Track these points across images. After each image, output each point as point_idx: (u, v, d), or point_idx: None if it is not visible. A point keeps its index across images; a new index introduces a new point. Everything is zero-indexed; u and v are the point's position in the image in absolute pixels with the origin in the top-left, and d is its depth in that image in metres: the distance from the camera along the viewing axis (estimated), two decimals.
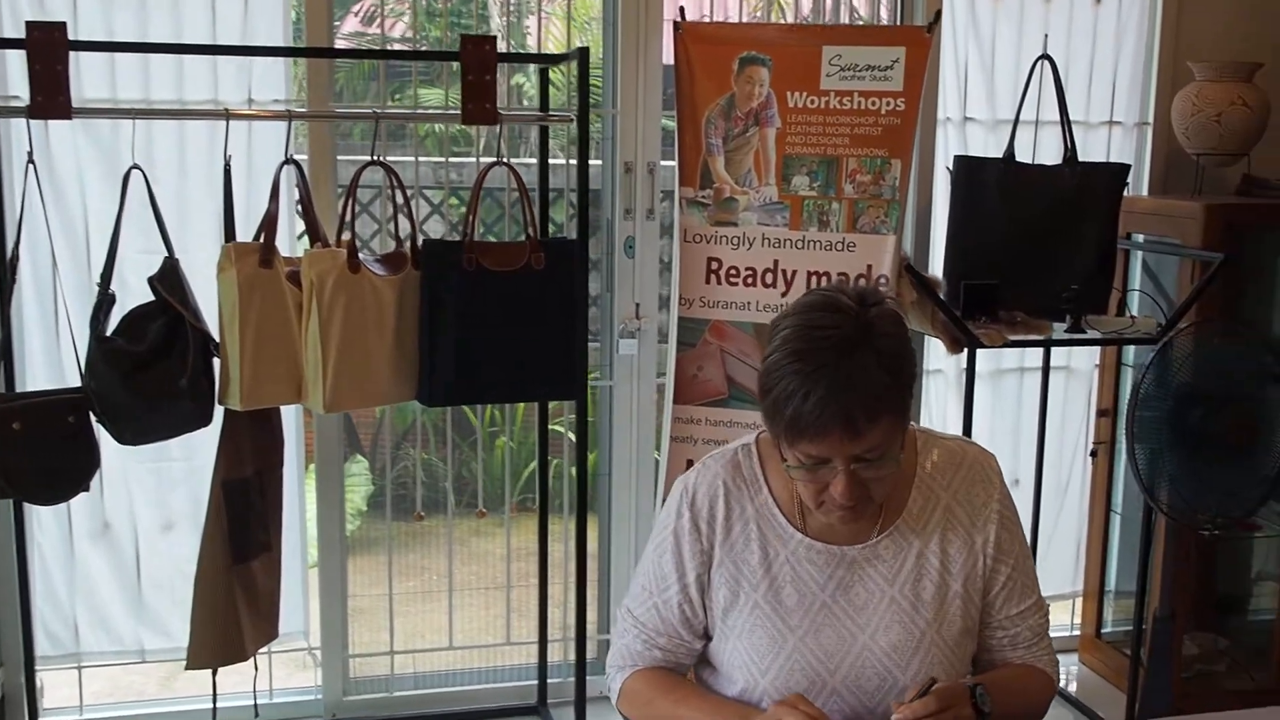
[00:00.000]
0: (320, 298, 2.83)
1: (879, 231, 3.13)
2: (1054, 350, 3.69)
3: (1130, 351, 3.93)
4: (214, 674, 3.04)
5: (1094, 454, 3.96)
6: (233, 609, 2.97)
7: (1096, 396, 3.97)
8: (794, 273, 3.17)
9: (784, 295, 3.17)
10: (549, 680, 3.67)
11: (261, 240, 2.83)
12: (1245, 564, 4.14)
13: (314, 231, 2.99)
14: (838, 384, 1.54)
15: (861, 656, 1.73)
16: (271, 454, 3.04)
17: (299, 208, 3.10)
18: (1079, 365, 3.97)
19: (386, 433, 4.61)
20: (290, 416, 3.24)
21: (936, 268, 3.56)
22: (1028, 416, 3.87)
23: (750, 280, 3.18)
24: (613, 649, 1.90)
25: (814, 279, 3.17)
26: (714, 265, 3.20)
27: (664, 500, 3.26)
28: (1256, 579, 4.18)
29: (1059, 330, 3.31)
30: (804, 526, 1.77)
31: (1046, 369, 3.72)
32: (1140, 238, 3.80)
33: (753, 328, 3.17)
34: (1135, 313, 3.61)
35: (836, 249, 3.15)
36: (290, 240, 3.27)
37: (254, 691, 3.22)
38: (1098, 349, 3.92)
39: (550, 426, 3.89)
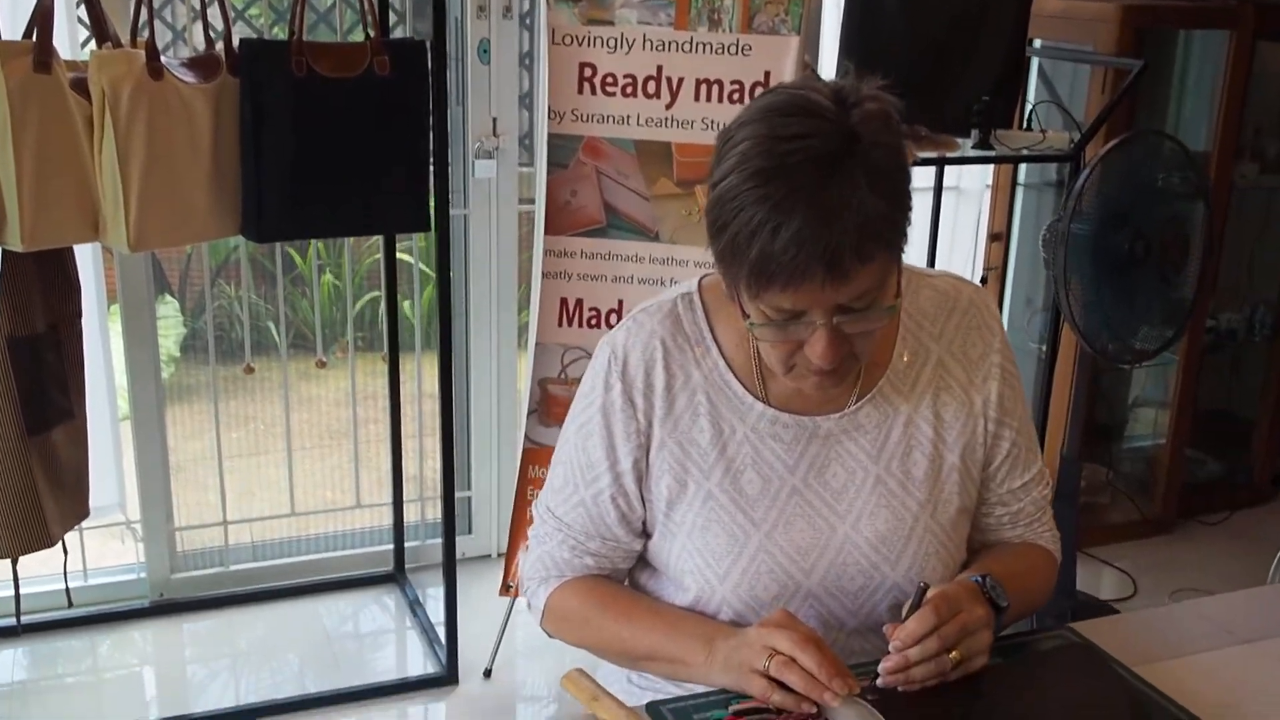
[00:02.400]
0: (115, 111, 2.30)
1: (778, 32, 2.72)
2: (945, 169, 3.38)
3: (1022, 170, 3.67)
4: (14, 562, 2.58)
5: (984, 280, 3.72)
6: (31, 488, 2.50)
7: (988, 219, 3.71)
8: (680, 81, 2.75)
9: (668, 108, 2.76)
10: (405, 544, 3.31)
11: (34, 39, 2.27)
12: (1122, 391, 4.01)
13: (101, 29, 2.43)
14: (819, 213, 1.17)
15: (842, 551, 1.41)
16: (66, 303, 2.53)
17: (80, 1, 2.52)
18: (969, 185, 3.70)
19: (199, 268, 4.08)
20: (87, 255, 2.73)
21: (825, 75, 3.19)
22: (915, 241, 3.57)
23: (630, 90, 2.75)
24: (530, 558, 1.53)
25: (704, 88, 2.75)
26: (587, 72, 2.76)
27: (534, 346, 2.91)
28: (1134, 405, 4.06)
29: (966, 146, 2.99)
30: (765, 394, 1.42)
31: (939, 189, 3.39)
32: (1038, 43, 3.50)
33: (633, 145, 2.76)
34: (1042, 126, 3.32)
35: (729, 52, 2.73)
36: (71, 42, 2.69)
37: (64, 574, 2.77)
38: (990, 168, 3.64)
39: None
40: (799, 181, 1.18)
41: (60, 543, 2.63)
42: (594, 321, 2.83)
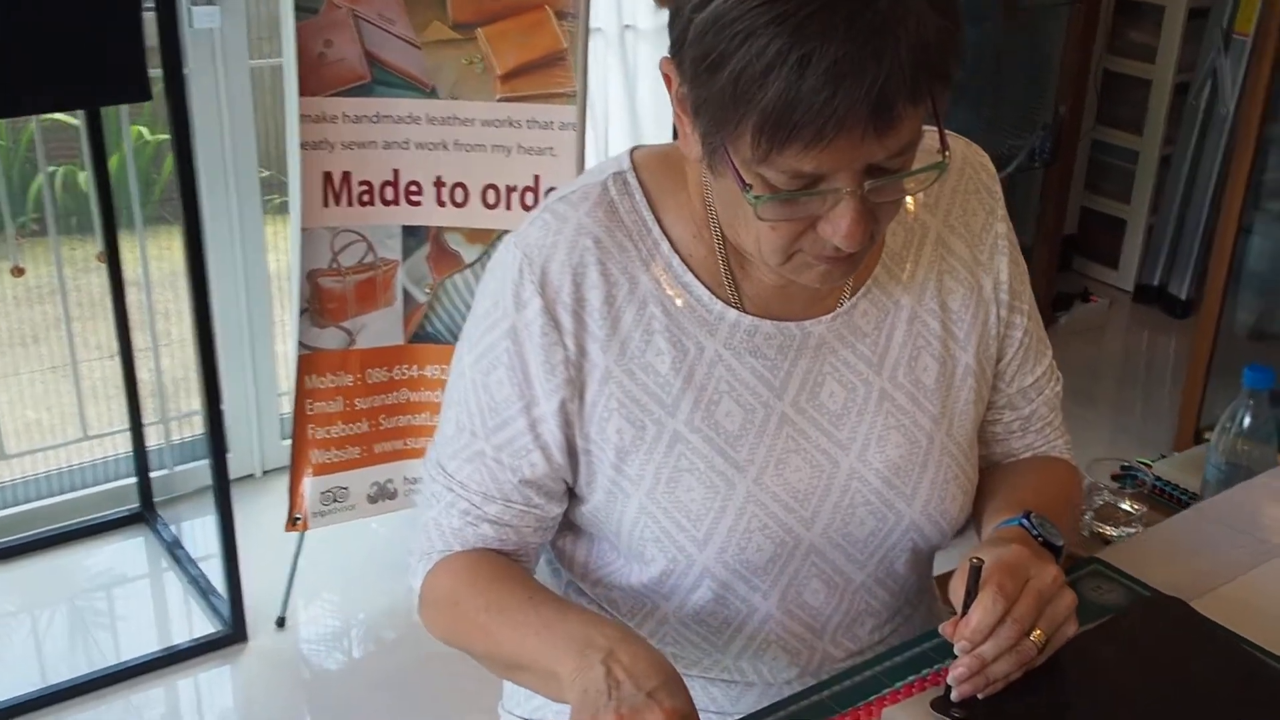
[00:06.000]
0: None
1: None
2: None
3: None
4: None
5: None
6: None
7: None
8: None
9: None
10: (151, 474, 2.80)
11: None
12: None
13: None
14: (863, 36, 0.84)
15: (849, 490, 1.09)
16: None
17: None
18: None
19: None
20: None
21: None
22: None
23: None
24: (417, 531, 1.14)
25: None
26: None
27: (298, 233, 2.39)
28: None
29: None
30: (738, 298, 1.07)
31: None
32: None
33: None
34: None
35: None
36: None
37: None
38: None
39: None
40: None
41: None
42: (367, 198, 2.39)
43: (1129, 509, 1.70)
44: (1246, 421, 1.48)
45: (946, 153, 0.94)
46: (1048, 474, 1.20)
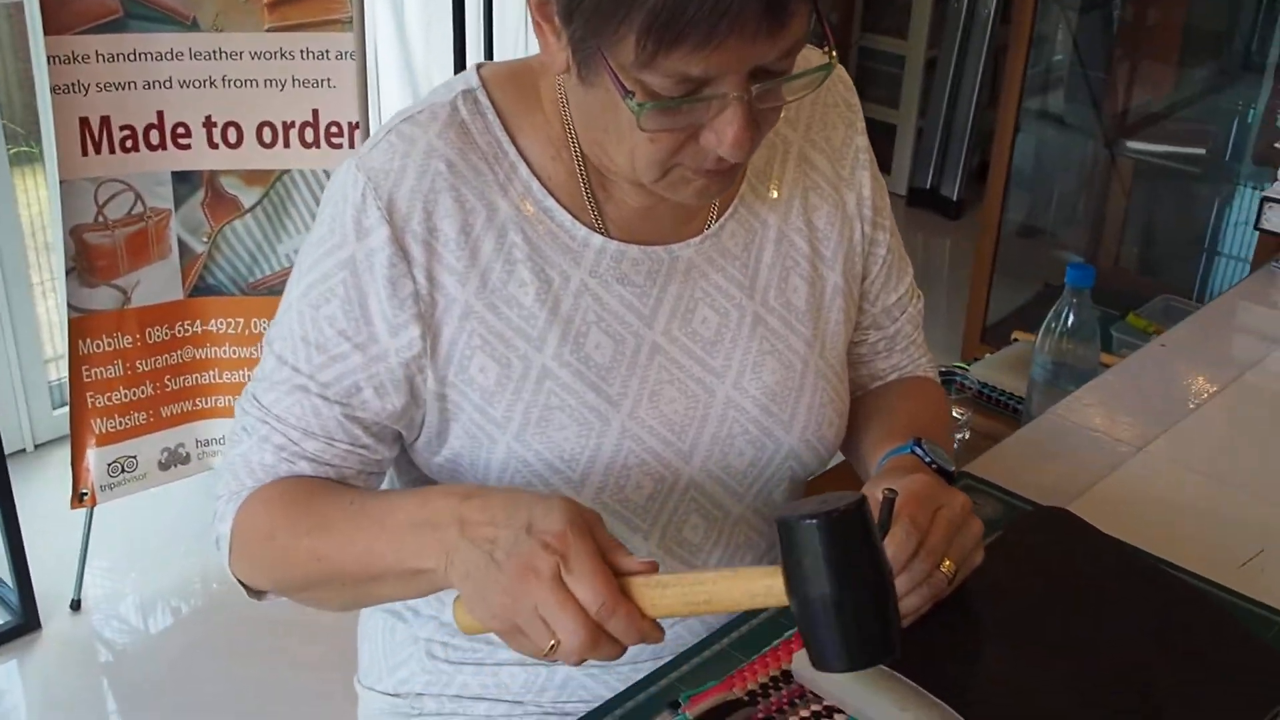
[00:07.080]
0: None
1: None
2: None
3: None
4: None
5: None
6: None
7: None
8: None
9: None
10: None
11: None
12: None
13: None
14: None
15: (726, 419, 1.05)
16: None
17: None
18: None
19: None
20: None
21: None
22: None
23: None
24: (223, 470, 1.02)
25: None
26: None
27: (58, 186, 2.17)
28: None
29: None
30: (602, 222, 1.01)
31: None
32: None
33: None
34: None
35: None
36: None
37: None
38: None
39: None
40: None
41: None
42: (130, 144, 2.21)
43: (955, 414, 1.73)
44: (1070, 320, 1.51)
45: (833, 53, 0.90)
46: (921, 396, 1.19)
